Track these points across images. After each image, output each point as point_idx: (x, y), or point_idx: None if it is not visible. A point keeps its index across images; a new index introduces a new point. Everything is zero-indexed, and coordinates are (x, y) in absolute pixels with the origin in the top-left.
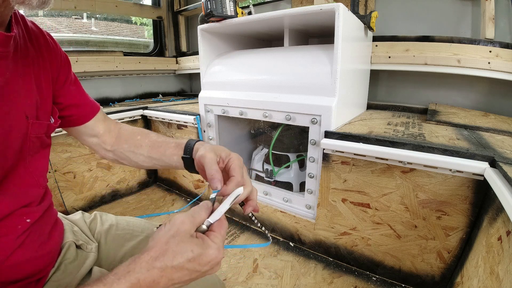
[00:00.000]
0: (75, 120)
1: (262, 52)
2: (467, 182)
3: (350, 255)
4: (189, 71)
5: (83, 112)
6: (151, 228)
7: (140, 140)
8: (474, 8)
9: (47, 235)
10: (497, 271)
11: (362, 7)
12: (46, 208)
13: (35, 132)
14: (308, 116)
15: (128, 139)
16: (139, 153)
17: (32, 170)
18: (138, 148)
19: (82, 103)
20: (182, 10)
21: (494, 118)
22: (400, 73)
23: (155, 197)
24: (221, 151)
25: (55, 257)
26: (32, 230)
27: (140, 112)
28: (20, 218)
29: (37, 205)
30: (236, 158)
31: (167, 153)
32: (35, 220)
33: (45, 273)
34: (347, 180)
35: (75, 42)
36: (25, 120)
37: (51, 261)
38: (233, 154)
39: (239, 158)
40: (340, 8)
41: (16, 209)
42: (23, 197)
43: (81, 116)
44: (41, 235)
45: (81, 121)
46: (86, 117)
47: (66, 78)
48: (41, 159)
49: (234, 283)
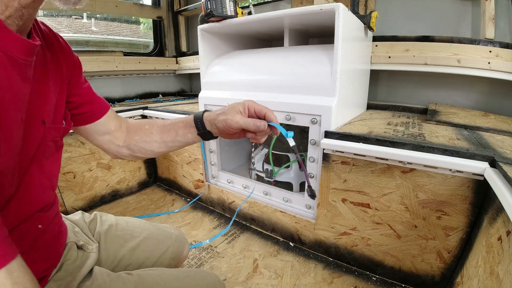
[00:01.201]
0: (88, 118)
1: (262, 52)
2: (467, 182)
3: (350, 255)
4: (189, 71)
5: (96, 109)
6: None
7: (149, 129)
8: (474, 8)
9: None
10: (497, 271)
11: (362, 7)
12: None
13: (52, 136)
14: (308, 116)
15: (137, 130)
16: (151, 140)
17: (48, 172)
18: (149, 136)
19: (94, 100)
20: (182, 10)
21: (494, 118)
22: (400, 73)
23: (155, 197)
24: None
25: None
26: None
27: (140, 112)
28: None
29: (48, 210)
30: (251, 102)
31: (180, 133)
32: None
33: (47, 272)
34: (347, 180)
35: (75, 42)
36: (41, 125)
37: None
38: (246, 102)
39: (250, 100)
40: (340, 8)
41: (31, 214)
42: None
43: (94, 113)
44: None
45: (94, 117)
46: (99, 114)
47: (79, 79)
48: (54, 161)
49: (234, 283)
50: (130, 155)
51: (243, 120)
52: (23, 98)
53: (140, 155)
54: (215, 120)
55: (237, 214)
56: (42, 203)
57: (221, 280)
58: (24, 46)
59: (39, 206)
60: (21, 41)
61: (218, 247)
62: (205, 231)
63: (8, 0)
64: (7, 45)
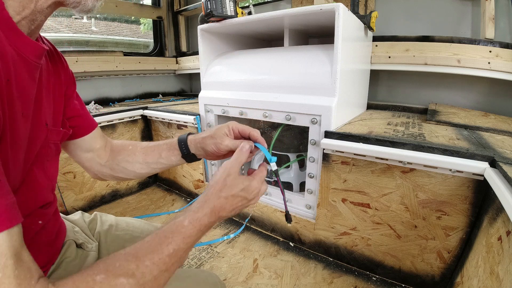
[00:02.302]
0: (76, 132)
1: (262, 52)
2: (467, 182)
3: (350, 255)
4: (189, 71)
5: (84, 125)
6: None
7: (133, 149)
8: (474, 8)
9: (53, 235)
10: (497, 271)
11: (362, 7)
12: (55, 209)
13: (53, 138)
14: (308, 116)
15: (120, 150)
16: (134, 161)
17: (49, 174)
18: (132, 157)
19: (84, 116)
20: (182, 10)
21: (494, 118)
22: (400, 73)
23: (155, 197)
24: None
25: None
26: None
27: (140, 112)
28: (34, 219)
29: (48, 208)
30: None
31: (163, 155)
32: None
33: (46, 268)
34: (347, 180)
35: (75, 42)
36: (44, 127)
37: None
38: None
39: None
40: (340, 8)
41: (33, 210)
42: (40, 199)
43: (82, 128)
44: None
45: (81, 133)
46: (86, 130)
47: (73, 93)
48: (54, 164)
49: (234, 283)
50: (111, 176)
51: (232, 143)
52: (31, 98)
53: (121, 175)
54: (202, 143)
55: (237, 214)
56: (43, 201)
57: (221, 280)
58: (35, 49)
59: (40, 203)
60: (32, 43)
61: (218, 247)
62: None
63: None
64: (19, 46)
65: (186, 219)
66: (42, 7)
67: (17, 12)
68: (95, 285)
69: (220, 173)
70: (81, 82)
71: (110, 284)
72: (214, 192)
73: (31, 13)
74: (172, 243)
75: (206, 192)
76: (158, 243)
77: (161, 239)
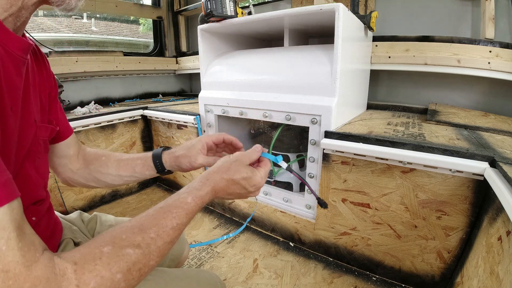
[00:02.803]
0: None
1: (262, 52)
2: (467, 182)
3: (350, 255)
4: (189, 71)
5: (62, 129)
6: None
7: (106, 161)
8: (474, 8)
9: (49, 232)
10: (497, 271)
11: (362, 7)
12: (48, 206)
13: (42, 135)
14: (308, 116)
15: (93, 160)
16: (106, 172)
17: (40, 172)
18: (104, 168)
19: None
20: (182, 10)
21: (494, 118)
22: (400, 73)
23: (155, 197)
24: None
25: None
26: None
27: (140, 112)
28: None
29: (41, 205)
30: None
31: (137, 170)
32: (40, 219)
33: None
34: (347, 180)
35: (75, 42)
36: (33, 123)
37: None
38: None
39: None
40: (340, 8)
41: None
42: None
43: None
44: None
45: (58, 139)
46: (63, 136)
47: (56, 95)
48: (44, 162)
49: (234, 283)
50: (81, 183)
51: (205, 160)
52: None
53: (93, 184)
54: (176, 161)
55: (237, 214)
56: (36, 197)
57: (222, 280)
58: (20, 44)
59: (33, 200)
60: (18, 39)
61: (218, 247)
62: (205, 231)
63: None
64: (5, 41)
65: (189, 196)
66: (28, 4)
67: (5, 9)
68: (102, 255)
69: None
70: (81, 82)
71: (117, 254)
72: (217, 172)
73: (17, 10)
74: (176, 218)
75: (209, 170)
76: (162, 217)
77: (166, 213)
